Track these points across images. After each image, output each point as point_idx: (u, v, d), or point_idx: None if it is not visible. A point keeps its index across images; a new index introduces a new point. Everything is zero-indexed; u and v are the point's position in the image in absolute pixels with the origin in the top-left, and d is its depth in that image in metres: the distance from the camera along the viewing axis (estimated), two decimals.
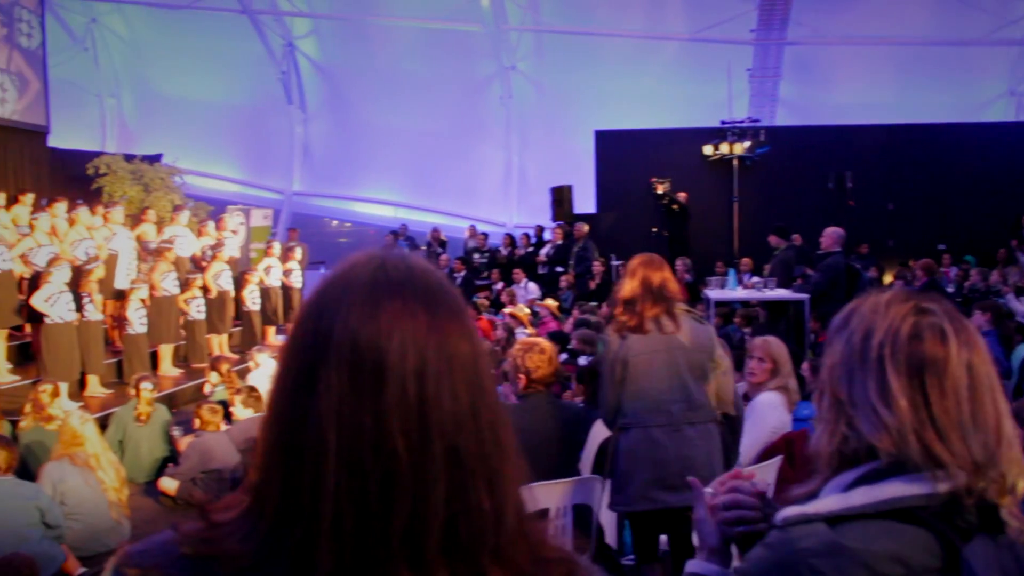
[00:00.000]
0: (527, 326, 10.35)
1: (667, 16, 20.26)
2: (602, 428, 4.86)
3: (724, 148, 16.58)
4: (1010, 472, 1.33)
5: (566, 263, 15.55)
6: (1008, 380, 7.36)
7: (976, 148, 16.79)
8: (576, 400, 6.36)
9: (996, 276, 13.71)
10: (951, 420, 1.33)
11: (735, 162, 16.68)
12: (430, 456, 0.92)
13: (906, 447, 1.32)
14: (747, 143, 16.49)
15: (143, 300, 10.80)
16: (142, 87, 24.33)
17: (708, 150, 16.75)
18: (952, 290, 13.45)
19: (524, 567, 0.98)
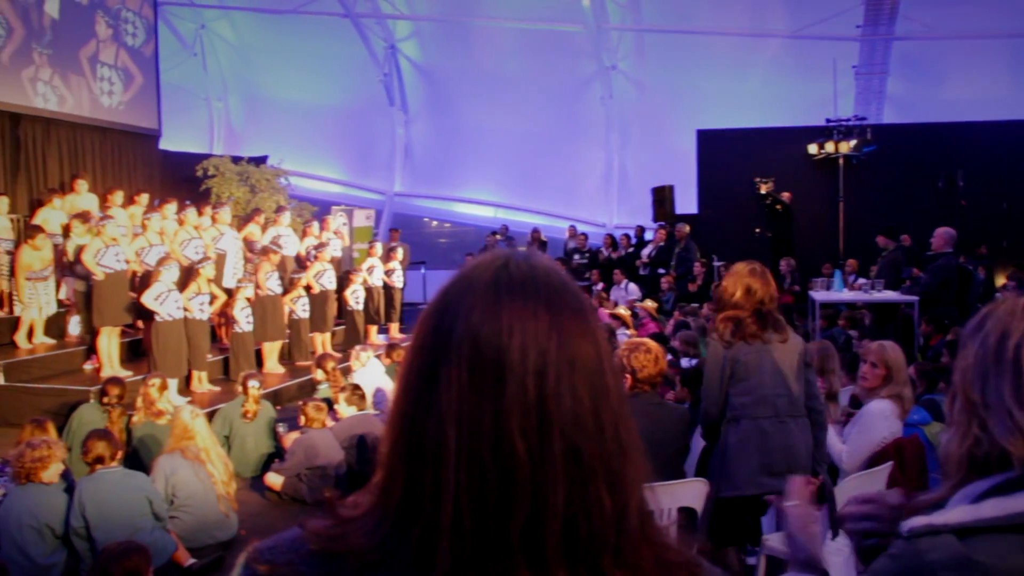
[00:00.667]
0: (629, 327, 10.32)
1: (771, 13, 19.88)
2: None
3: (829, 147, 16.22)
4: None
5: (667, 264, 15.44)
6: None
7: None
8: (679, 403, 6.33)
9: None
10: None
11: (841, 161, 16.31)
12: (549, 455, 0.92)
13: None
14: (853, 142, 16.10)
15: (249, 299, 11.03)
16: (248, 90, 24.98)
17: (813, 149, 16.41)
18: None
19: (647, 570, 0.97)
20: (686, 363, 7.81)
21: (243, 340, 10.91)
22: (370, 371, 9.52)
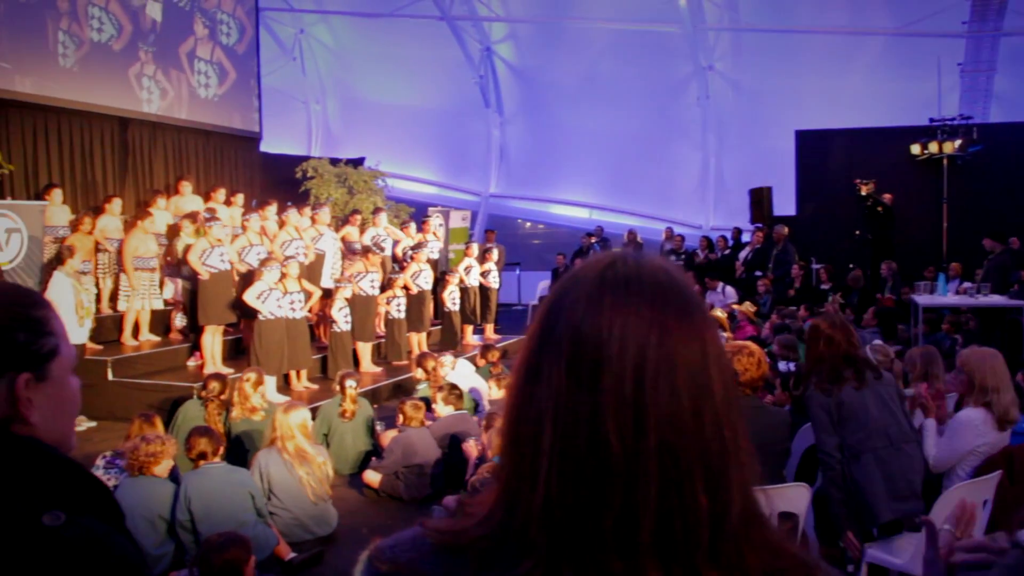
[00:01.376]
0: (727, 330, 10.24)
1: (872, 10, 19.41)
2: (807, 436, 4.86)
3: (933, 147, 15.78)
4: None
5: (764, 266, 15.24)
6: None
7: None
8: (778, 406, 6.28)
9: None
10: None
11: (945, 162, 15.84)
12: (643, 451, 0.93)
13: None
14: (958, 141, 15.63)
15: (347, 299, 11.20)
16: (345, 93, 25.41)
17: (916, 149, 15.98)
18: None
19: (748, 571, 0.96)
20: (784, 367, 7.72)
21: (341, 339, 11.09)
22: (459, 373, 9.60)
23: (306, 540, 6.32)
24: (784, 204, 17.15)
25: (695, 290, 1.03)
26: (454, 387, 8.23)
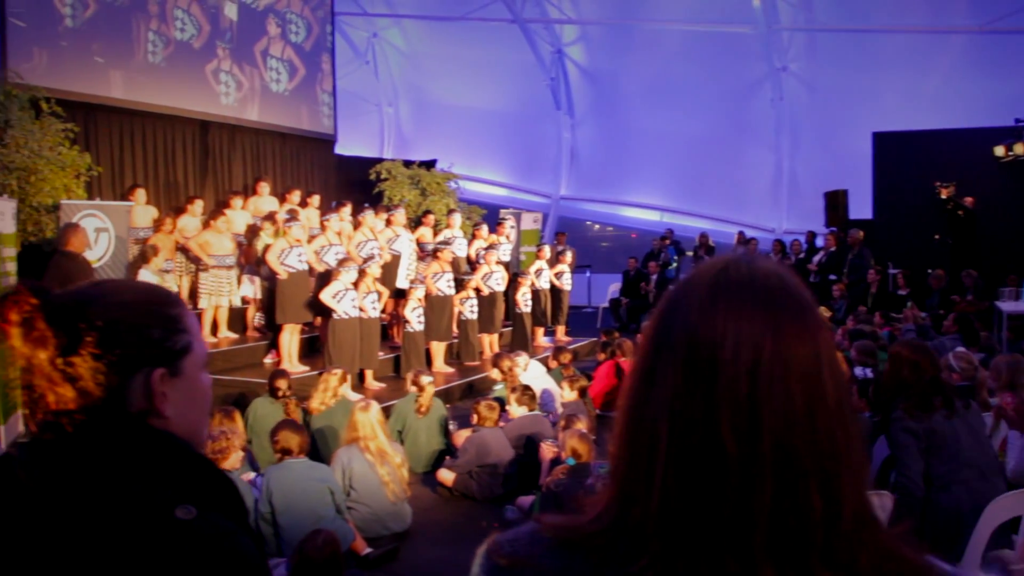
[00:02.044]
0: None
1: (954, 7, 18.87)
2: (883, 445, 4.82)
3: (1018, 148, 15.34)
4: None
5: (839, 271, 15.00)
6: None
7: None
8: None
9: None
10: None
11: None
12: (758, 453, 0.94)
13: None
14: None
15: (420, 300, 11.27)
16: (417, 96, 25.58)
17: (1000, 151, 15.55)
18: None
19: (861, 573, 0.96)
20: (861, 372, 7.61)
21: (414, 339, 11.16)
22: (532, 374, 9.61)
23: (382, 536, 6.43)
24: (860, 207, 16.84)
25: (808, 293, 1.04)
26: (527, 388, 8.26)
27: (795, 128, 20.96)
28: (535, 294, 13.74)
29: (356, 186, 16.81)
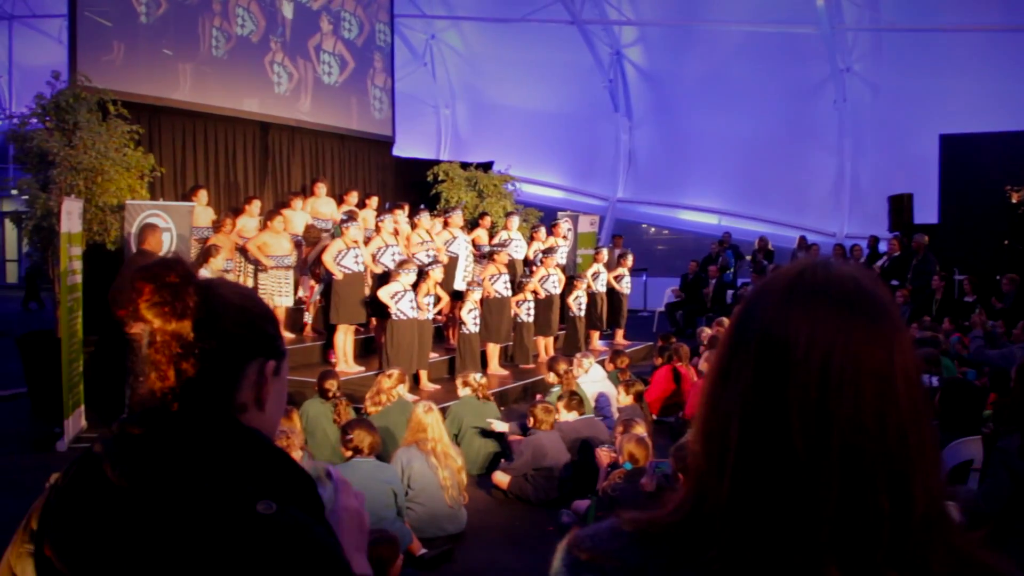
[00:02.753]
0: None
1: None
2: (950, 452, 4.74)
3: None
4: None
5: (902, 276, 14.69)
6: None
7: None
8: None
9: None
10: None
11: None
12: (827, 452, 0.96)
13: None
14: None
15: (477, 302, 11.28)
16: (474, 98, 25.70)
17: None
18: None
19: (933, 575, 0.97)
20: (927, 380, 7.42)
21: (470, 341, 11.17)
22: (592, 377, 9.62)
23: (438, 537, 6.43)
24: (925, 212, 16.48)
25: (887, 297, 1.05)
26: (573, 394, 8.25)
27: (858, 130, 20.60)
28: (591, 297, 13.68)
29: (413, 187, 16.85)
